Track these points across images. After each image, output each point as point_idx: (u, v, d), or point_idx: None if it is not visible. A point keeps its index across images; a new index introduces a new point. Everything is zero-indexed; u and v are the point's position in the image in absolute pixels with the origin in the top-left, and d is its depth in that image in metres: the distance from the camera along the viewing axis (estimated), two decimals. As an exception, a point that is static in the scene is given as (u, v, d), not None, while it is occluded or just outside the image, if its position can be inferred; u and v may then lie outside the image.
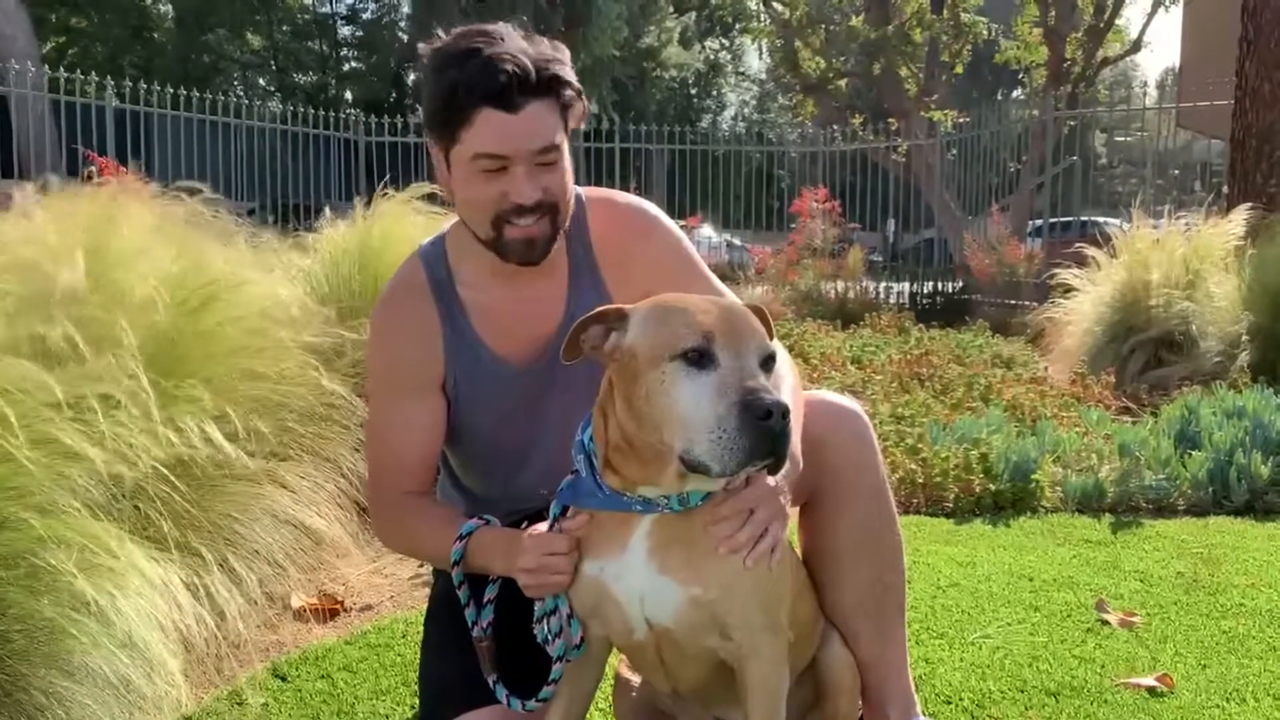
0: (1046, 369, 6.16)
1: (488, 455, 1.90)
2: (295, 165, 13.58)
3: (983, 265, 11.05)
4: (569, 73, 1.63)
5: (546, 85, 1.59)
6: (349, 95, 36.73)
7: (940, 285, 12.44)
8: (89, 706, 1.83)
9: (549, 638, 1.54)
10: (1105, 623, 2.69)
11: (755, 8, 24.77)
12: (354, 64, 39.96)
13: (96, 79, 11.98)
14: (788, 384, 1.62)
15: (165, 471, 2.14)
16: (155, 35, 32.82)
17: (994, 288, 10.92)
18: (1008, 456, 3.89)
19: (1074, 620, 2.71)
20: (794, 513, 1.88)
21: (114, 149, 11.75)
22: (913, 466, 3.94)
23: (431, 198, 4.14)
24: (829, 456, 1.73)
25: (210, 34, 33.09)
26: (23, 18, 16.82)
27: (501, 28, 1.62)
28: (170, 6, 34.20)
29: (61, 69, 12.28)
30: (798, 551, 1.80)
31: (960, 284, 12.03)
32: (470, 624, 1.63)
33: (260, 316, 2.94)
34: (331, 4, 38.99)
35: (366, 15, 39.18)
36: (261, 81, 36.98)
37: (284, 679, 2.35)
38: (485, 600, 1.63)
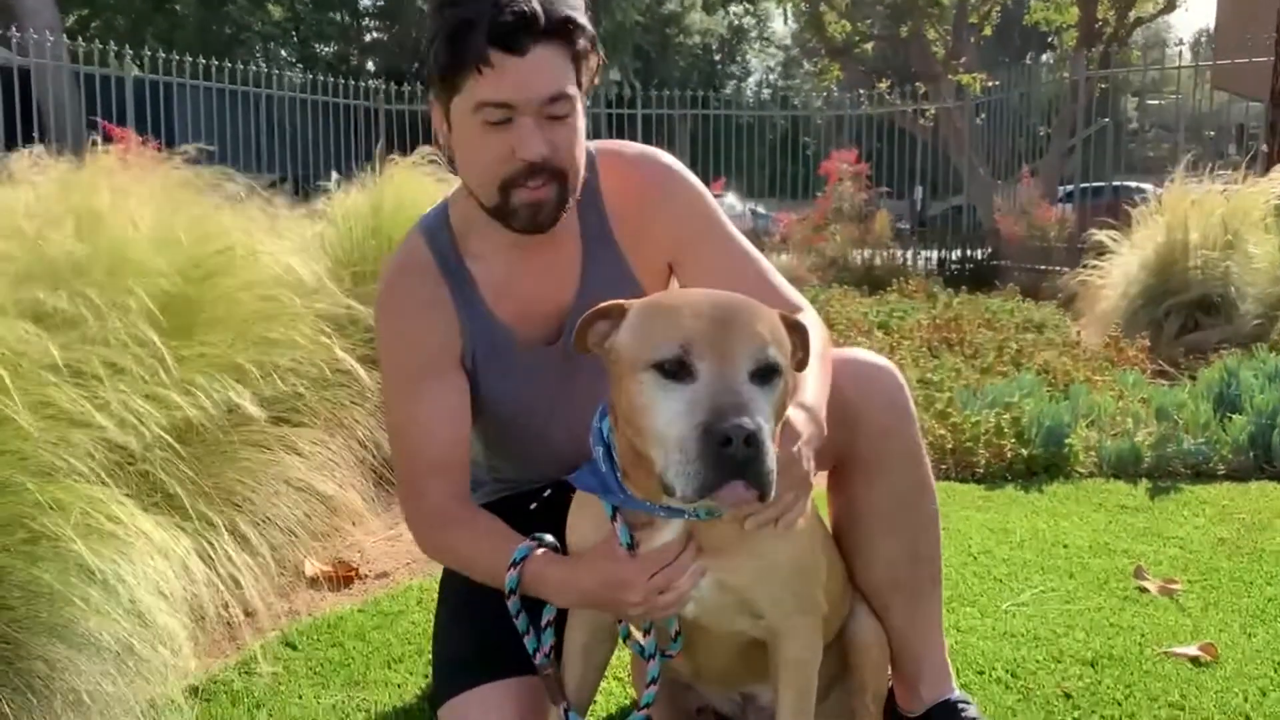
0: (1079, 333, 6.01)
1: (506, 435, 1.80)
2: (317, 135, 13.50)
3: (1012, 230, 10.85)
4: (584, 18, 1.50)
5: (557, 29, 1.46)
6: (370, 65, 36.62)
7: (969, 251, 12.25)
8: (91, 676, 1.78)
9: (631, 633, 1.47)
10: (1144, 590, 2.59)
11: (780, -29, 24.38)
12: (375, 34, 39.79)
13: (116, 49, 11.93)
14: (810, 376, 1.46)
15: (168, 439, 2.08)
16: (177, 7, 32.74)
17: (1024, 252, 10.72)
18: (1040, 420, 3.78)
19: (1112, 588, 2.61)
20: (822, 478, 1.81)
21: (135, 120, 11.72)
22: (942, 431, 3.83)
23: (438, 160, 4.07)
24: (860, 419, 1.63)
25: (231, 5, 32.99)
26: (47, -10, 16.85)
27: None
28: (192, -22, 34.11)
29: (81, 40, 12.24)
30: (826, 521, 1.71)
31: (989, 250, 11.83)
32: (532, 652, 1.51)
33: (273, 283, 2.87)
34: (353, -26, 38.81)
35: (387, -16, 38.95)
36: (283, 53, 36.89)
37: (294, 647, 2.29)
38: (544, 623, 1.50)
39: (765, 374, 1.21)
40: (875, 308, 7.53)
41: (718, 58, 46.73)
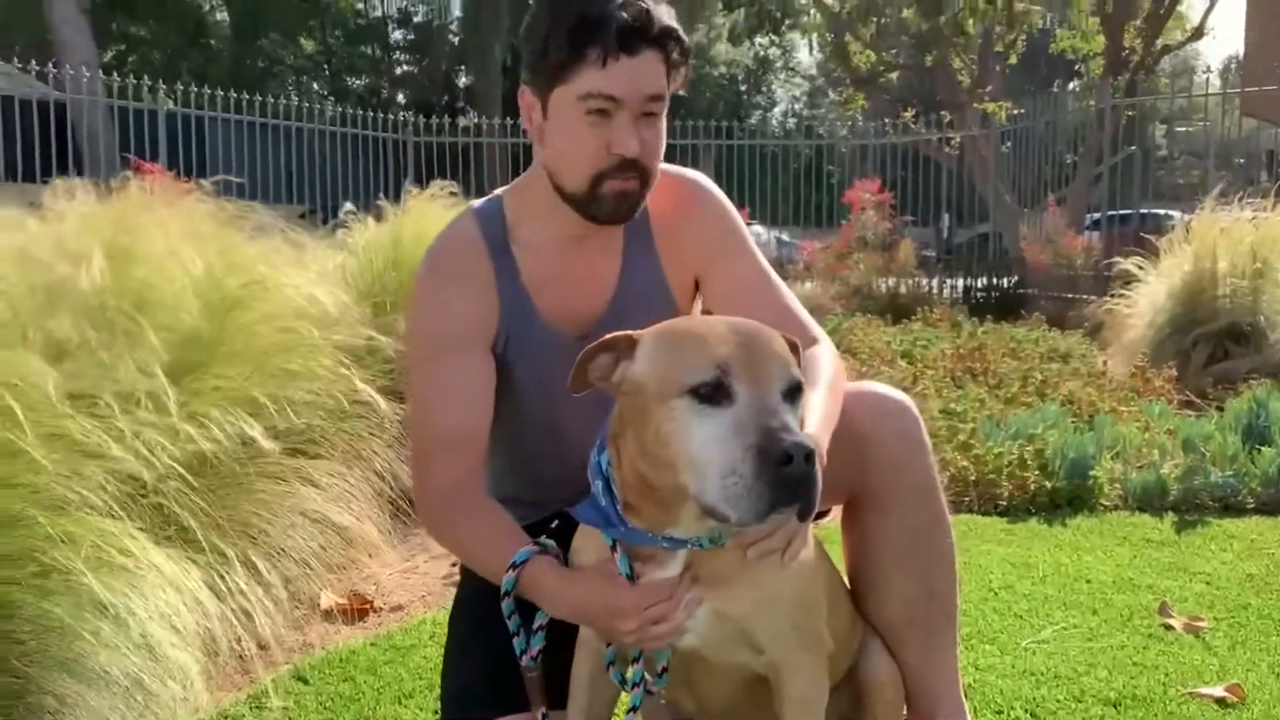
0: (1105, 363, 5.95)
1: (524, 435, 1.78)
2: (347, 167, 13.64)
3: (1038, 258, 10.76)
4: (682, 33, 1.60)
5: (663, 37, 1.56)
6: (401, 98, 37.07)
7: (994, 279, 12.17)
8: (101, 711, 1.77)
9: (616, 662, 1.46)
10: (1169, 628, 2.54)
11: (805, 2, 24.47)
12: (406, 67, 40.32)
13: (149, 83, 12.13)
14: (816, 404, 1.47)
15: (181, 470, 2.08)
16: (212, 42, 33.37)
17: (1050, 281, 10.63)
18: (1064, 452, 3.73)
19: (1135, 625, 2.56)
20: (835, 512, 1.78)
21: (167, 153, 11.92)
22: (964, 463, 3.79)
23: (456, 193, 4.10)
24: (874, 453, 1.62)
25: (265, 39, 33.56)
26: (84, 25, 17.22)
27: None
28: (225, 14, 34.75)
29: (117, 75, 12.47)
30: (839, 557, 1.69)
31: (1015, 278, 11.75)
32: (519, 653, 1.51)
33: (292, 315, 2.89)
34: (384, 8, 39.38)
35: (418, 18, 39.51)
36: (315, 86, 37.44)
37: (305, 681, 2.28)
38: (535, 627, 1.50)
39: (793, 393, 1.23)
40: (899, 336, 7.49)
41: (743, 88, 46.95)
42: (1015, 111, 14.46)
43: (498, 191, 1.78)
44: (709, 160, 14.95)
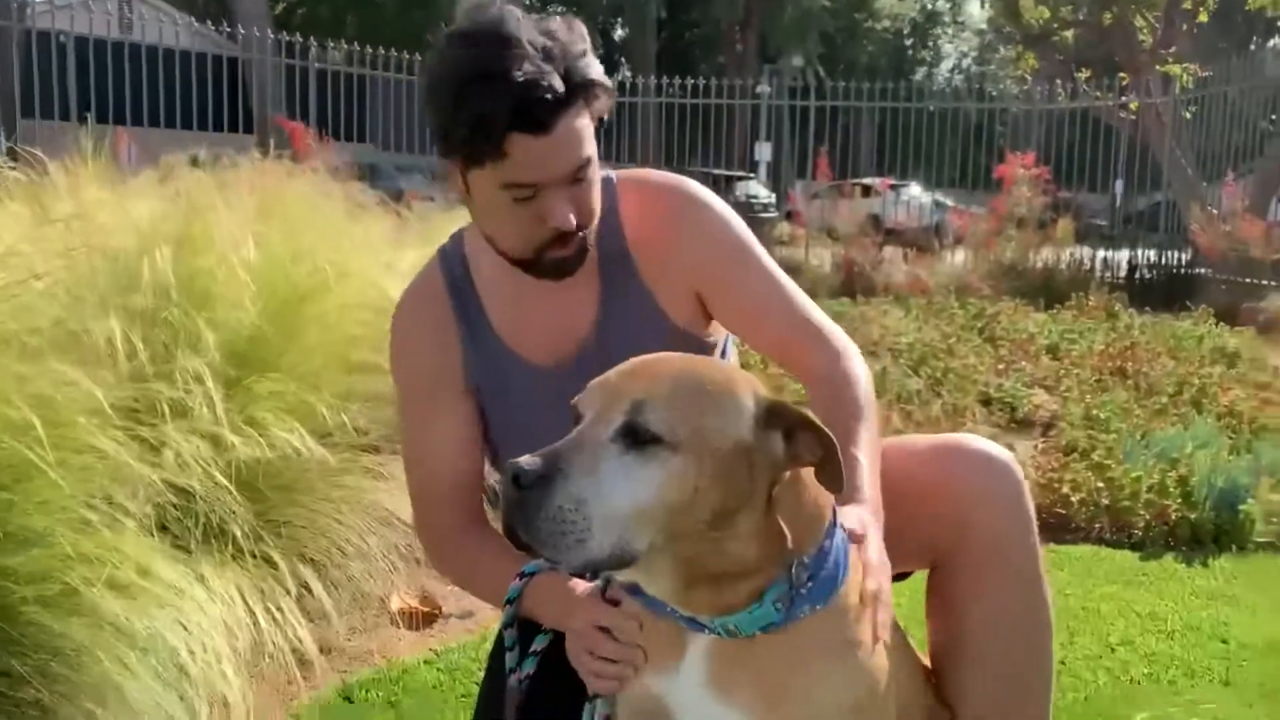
0: (1277, 369, 5.38)
1: None
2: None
3: (1211, 241, 9.89)
4: (593, 65, 1.42)
5: (575, 93, 1.39)
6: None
7: (1165, 255, 11.31)
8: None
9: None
10: (1314, 711, 2.21)
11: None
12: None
13: (317, 42, 12.46)
14: (863, 440, 1.34)
15: (222, 480, 2.02)
16: (378, -3, 34.13)
17: (1225, 264, 9.76)
18: (1212, 480, 3.35)
19: (1271, 703, 2.24)
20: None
21: (331, 110, 12.28)
22: (1099, 484, 3.45)
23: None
24: (973, 520, 1.44)
25: (431, -6, 34.13)
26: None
27: (508, 19, 1.37)
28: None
29: (285, 31, 12.86)
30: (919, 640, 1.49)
31: (1189, 254, 10.87)
32: (509, 670, 1.42)
33: (371, 307, 2.82)
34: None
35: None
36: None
37: (350, 700, 2.21)
38: (531, 650, 1.41)
39: (630, 433, 1.04)
40: (1047, 326, 6.96)
41: (909, 42, 45.22)
42: (1203, 74, 13.32)
43: (461, 227, 1.67)
44: (871, 123, 14.45)
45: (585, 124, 1.42)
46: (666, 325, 1.57)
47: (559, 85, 1.36)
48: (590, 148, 1.44)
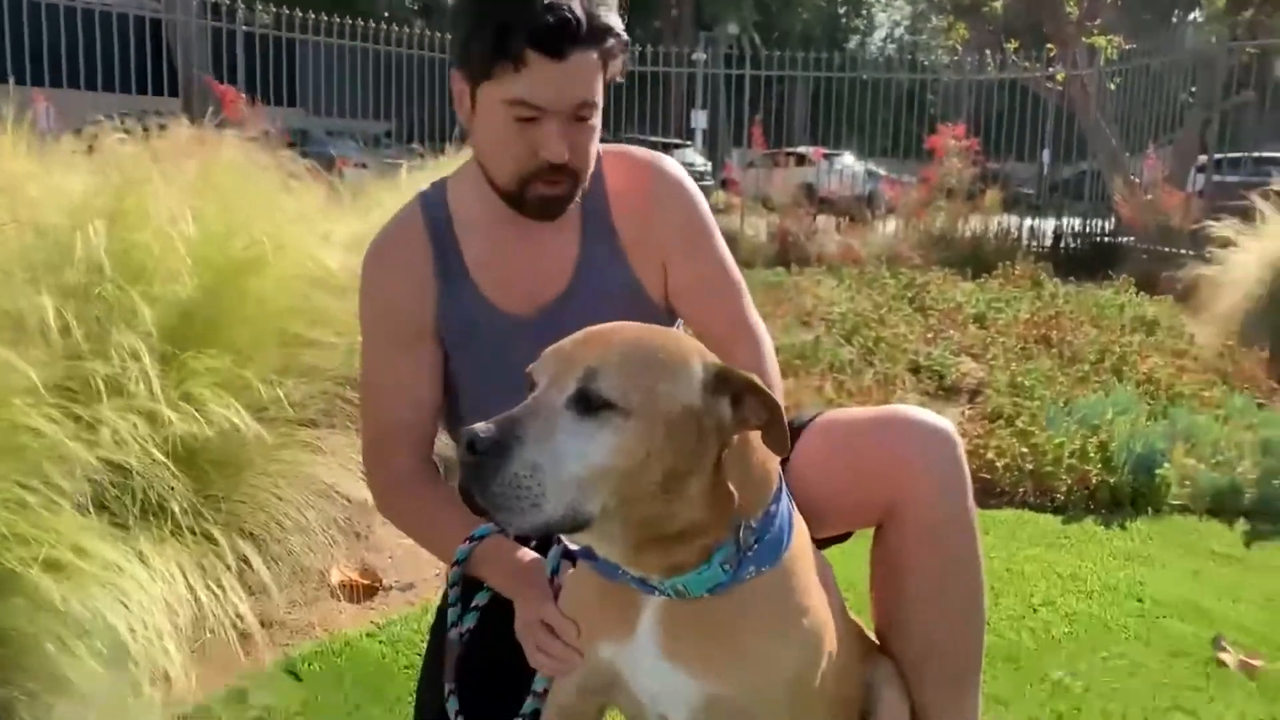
0: (1193, 337, 5.57)
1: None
2: (434, 89, 13.35)
3: (1133, 211, 10.16)
4: (617, 19, 1.51)
5: (596, 36, 1.47)
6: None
7: (1089, 225, 11.58)
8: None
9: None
10: (1222, 664, 2.33)
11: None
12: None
13: (244, 4, 12.12)
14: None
15: (160, 457, 2.00)
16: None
17: (1146, 234, 10.05)
18: (1131, 446, 3.48)
19: (1185, 659, 2.36)
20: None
21: (260, 73, 11.98)
22: (1023, 450, 3.57)
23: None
24: (912, 478, 1.49)
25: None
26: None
27: None
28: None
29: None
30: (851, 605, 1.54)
31: (1113, 223, 11.14)
32: (450, 624, 1.47)
33: (307, 281, 2.79)
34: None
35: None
36: (406, 1, 37.18)
37: (295, 675, 2.22)
38: (472, 605, 1.45)
39: (582, 400, 1.06)
40: (975, 296, 7.12)
41: (842, 11, 45.39)
42: (1127, 47, 13.60)
43: (443, 176, 1.72)
44: (805, 91, 14.48)
45: (598, 67, 1.49)
46: (637, 290, 1.65)
47: (581, 18, 1.44)
48: (597, 93, 1.50)
